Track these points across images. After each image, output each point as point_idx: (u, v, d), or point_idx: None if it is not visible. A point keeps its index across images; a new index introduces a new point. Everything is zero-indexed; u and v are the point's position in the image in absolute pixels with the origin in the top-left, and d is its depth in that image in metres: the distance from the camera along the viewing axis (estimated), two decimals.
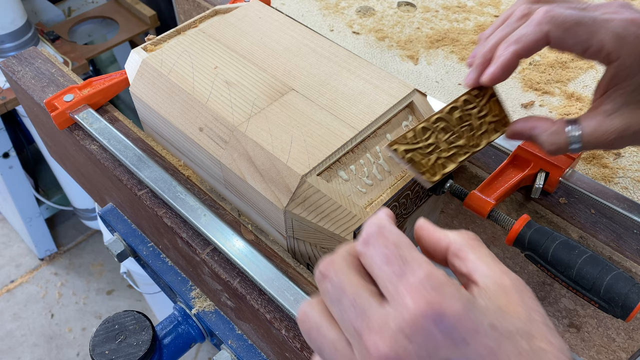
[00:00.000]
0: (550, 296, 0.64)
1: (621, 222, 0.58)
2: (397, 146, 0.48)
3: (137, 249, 0.68)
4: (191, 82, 0.56)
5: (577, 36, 0.45)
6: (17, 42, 1.60)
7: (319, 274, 0.33)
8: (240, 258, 0.51)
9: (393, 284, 0.30)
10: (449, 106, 0.50)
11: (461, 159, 0.50)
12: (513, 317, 0.29)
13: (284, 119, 0.52)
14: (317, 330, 0.33)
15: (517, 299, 0.30)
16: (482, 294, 0.30)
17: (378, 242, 0.31)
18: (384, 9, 0.90)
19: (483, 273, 0.31)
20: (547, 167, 0.58)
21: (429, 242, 0.34)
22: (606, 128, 0.47)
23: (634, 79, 0.46)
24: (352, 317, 0.30)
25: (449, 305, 0.28)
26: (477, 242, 0.33)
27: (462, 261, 0.33)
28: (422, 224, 0.35)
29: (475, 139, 0.51)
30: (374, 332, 0.29)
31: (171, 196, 0.56)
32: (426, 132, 0.49)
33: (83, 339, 1.94)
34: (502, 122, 0.52)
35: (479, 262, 0.32)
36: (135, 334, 0.60)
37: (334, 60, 0.58)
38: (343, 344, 0.31)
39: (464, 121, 0.51)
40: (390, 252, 0.31)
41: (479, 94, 0.51)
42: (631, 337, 0.59)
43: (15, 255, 2.17)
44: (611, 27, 0.44)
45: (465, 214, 0.68)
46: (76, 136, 0.66)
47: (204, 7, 0.93)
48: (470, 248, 0.33)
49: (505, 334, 0.28)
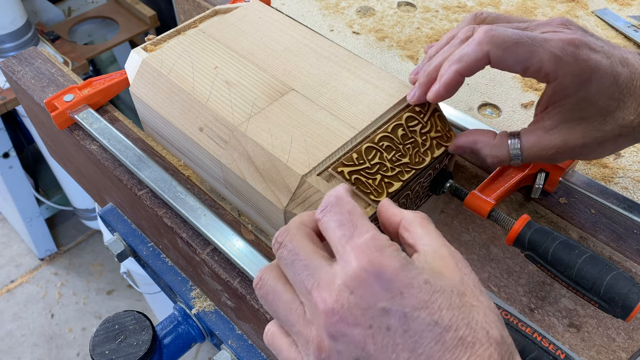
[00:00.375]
0: (550, 296, 0.64)
1: (621, 222, 0.58)
2: (343, 168, 0.48)
3: (137, 249, 0.69)
4: (191, 82, 0.56)
5: (517, 56, 0.46)
6: (17, 42, 1.60)
7: (275, 242, 0.37)
8: (240, 258, 0.51)
9: (342, 245, 0.34)
10: (392, 124, 0.51)
11: (405, 177, 0.50)
12: (447, 278, 0.33)
13: (284, 119, 0.52)
14: (273, 293, 0.36)
15: (453, 265, 0.34)
16: (421, 258, 0.34)
17: (334, 209, 0.36)
18: (384, 9, 0.90)
19: (425, 243, 0.35)
20: (547, 167, 0.58)
21: (385, 217, 0.39)
22: (545, 143, 0.49)
23: (571, 98, 0.47)
24: (304, 277, 0.34)
25: (388, 262, 0.32)
26: (426, 220, 0.37)
27: (409, 233, 0.36)
28: (383, 203, 0.40)
29: (420, 156, 0.52)
30: (322, 288, 0.33)
31: (171, 196, 0.56)
32: (371, 152, 0.49)
33: (83, 339, 1.94)
34: (445, 137, 0.53)
35: (424, 234, 0.36)
36: (135, 334, 0.60)
37: (334, 60, 0.58)
38: (296, 304, 0.35)
39: (408, 138, 0.51)
40: (343, 218, 0.35)
41: (421, 110, 0.53)
42: (631, 337, 0.59)
43: (15, 255, 2.17)
44: (549, 47, 0.45)
45: (465, 214, 0.68)
46: (76, 136, 0.66)
47: (204, 7, 0.93)
48: (418, 224, 0.37)
49: (438, 289, 0.32)
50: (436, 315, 0.31)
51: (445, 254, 0.34)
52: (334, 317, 0.32)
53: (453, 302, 0.32)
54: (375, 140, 0.50)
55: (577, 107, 0.47)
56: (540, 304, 0.66)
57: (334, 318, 0.32)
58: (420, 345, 0.31)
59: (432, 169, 0.55)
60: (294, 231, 0.36)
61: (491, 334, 0.31)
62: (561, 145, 0.48)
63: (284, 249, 0.36)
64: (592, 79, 0.45)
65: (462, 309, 0.32)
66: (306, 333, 0.34)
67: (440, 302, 0.31)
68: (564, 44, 0.45)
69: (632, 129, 0.47)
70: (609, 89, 0.46)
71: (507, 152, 0.51)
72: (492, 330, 0.31)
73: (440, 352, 0.30)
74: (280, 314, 0.36)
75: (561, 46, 0.45)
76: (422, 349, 0.31)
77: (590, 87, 0.46)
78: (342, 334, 0.32)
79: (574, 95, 0.47)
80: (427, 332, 0.31)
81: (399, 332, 0.31)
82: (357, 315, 0.32)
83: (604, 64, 0.45)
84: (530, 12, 0.88)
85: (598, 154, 0.50)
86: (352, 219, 0.35)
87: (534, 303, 0.67)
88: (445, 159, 0.57)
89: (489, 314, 0.32)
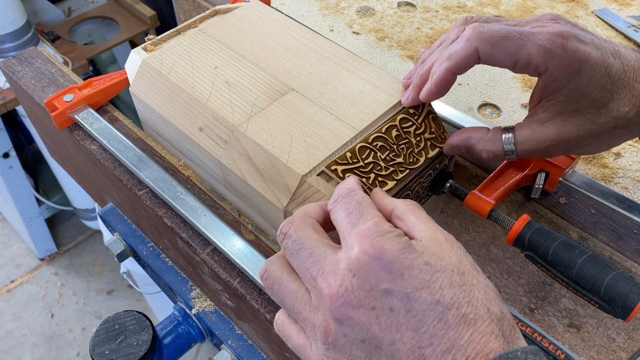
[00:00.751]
0: (550, 296, 0.64)
1: (621, 222, 0.58)
2: (337, 167, 0.48)
3: (137, 249, 0.69)
4: (191, 82, 0.56)
5: (505, 50, 0.46)
6: (17, 42, 1.60)
7: (280, 233, 0.38)
8: (240, 258, 0.51)
9: (347, 232, 0.35)
10: (386, 124, 0.51)
11: (399, 177, 0.51)
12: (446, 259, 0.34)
13: (284, 119, 0.52)
14: (279, 283, 0.37)
15: (449, 248, 0.35)
16: (419, 244, 0.35)
17: (345, 200, 0.37)
18: (384, 9, 0.90)
19: (420, 229, 0.36)
20: (547, 167, 0.58)
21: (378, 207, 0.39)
22: (539, 137, 0.49)
23: (563, 90, 0.47)
24: (309, 265, 0.35)
25: (388, 246, 0.33)
26: (417, 207, 0.38)
27: (403, 222, 0.37)
28: (375, 192, 0.41)
29: (414, 156, 0.52)
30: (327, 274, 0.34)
31: (171, 196, 0.56)
32: (364, 152, 0.50)
33: (83, 339, 1.94)
34: (440, 138, 0.54)
35: (418, 222, 0.37)
36: (135, 334, 0.60)
37: (334, 60, 0.58)
38: (302, 292, 0.36)
39: (402, 139, 0.52)
40: (351, 207, 0.36)
41: (415, 112, 0.53)
42: (631, 337, 0.59)
43: (15, 255, 2.17)
44: (537, 40, 0.45)
45: (465, 214, 0.68)
46: (76, 136, 0.66)
47: (204, 7, 0.93)
48: (410, 212, 0.38)
49: (438, 269, 0.33)
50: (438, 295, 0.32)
51: (440, 238, 0.36)
52: (339, 301, 0.33)
53: (454, 281, 0.33)
54: (369, 140, 0.50)
55: (570, 99, 0.47)
56: (540, 304, 0.66)
57: (338, 302, 0.33)
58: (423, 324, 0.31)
59: (432, 169, 0.55)
60: (298, 222, 0.38)
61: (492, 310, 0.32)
62: (555, 138, 0.48)
63: (289, 239, 0.37)
64: (582, 70, 0.45)
65: (463, 288, 0.32)
66: (313, 319, 0.35)
67: (442, 281, 0.32)
68: (552, 37, 0.45)
69: (627, 121, 0.47)
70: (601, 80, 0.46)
71: (501, 146, 0.51)
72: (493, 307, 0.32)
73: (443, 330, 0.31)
74: (287, 302, 0.37)
75: (549, 38, 0.45)
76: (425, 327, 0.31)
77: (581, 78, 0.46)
78: (347, 317, 0.33)
79: (565, 86, 0.47)
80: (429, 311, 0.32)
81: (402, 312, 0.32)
82: (361, 298, 0.33)
83: (594, 55, 0.45)
84: (530, 12, 0.88)
85: (595, 148, 0.50)
86: (360, 208, 0.36)
87: (534, 303, 0.67)
88: (445, 159, 0.57)
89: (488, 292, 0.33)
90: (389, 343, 0.32)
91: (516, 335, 0.33)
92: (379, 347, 0.32)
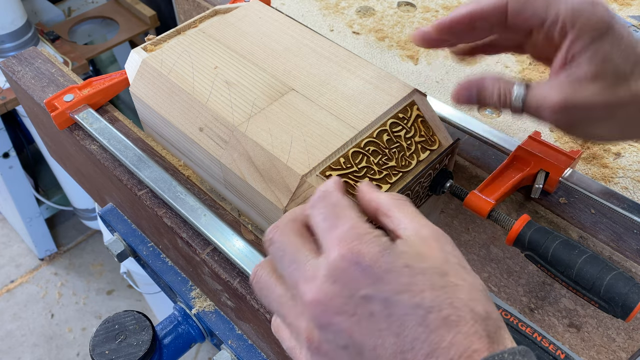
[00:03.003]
0: (550, 296, 0.64)
1: (621, 222, 0.58)
2: (331, 172, 0.49)
3: (137, 249, 0.69)
4: (191, 82, 0.56)
5: (535, 8, 0.46)
6: (17, 42, 1.60)
7: (266, 239, 0.37)
8: (240, 258, 0.51)
9: (325, 237, 0.35)
10: (377, 130, 0.52)
11: (393, 180, 0.51)
12: (429, 259, 0.33)
13: (284, 119, 0.52)
14: (267, 288, 0.37)
15: (435, 246, 0.34)
16: (403, 243, 0.34)
17: (320, 204, 0.36)
18: (384, 9, 0.90)
19: (405, 227, 0.35)
20: (547, 167, 0.58)
21: (364, 205, 0.39)
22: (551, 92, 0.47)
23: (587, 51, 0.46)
24: (292, 271, 0.35)
25: (366, 249, 0.33)
26: (403, 201, 0.37)
27: (389, 219, 0.37)
28: (361, 189, 0.40)
29: (406, 159, 0.53)
30: (308, 280, 0.34)
31: (171, 196, 0.56)
32: (357, 156, 0.51)
33: (83, 339, 1.94)
34: (430, 141, 0.55)
35: (403, 217, 0.36)
36: (135, 334, 0.60)
37: (334, 60, 0.58)
38: (287, 297, 0.36)
39: (393, 143, 0.53)
40: (328, 211, 0.36)
41: (405, 116, 0.54)
42: (631, 337, 0.59)
43: (15, 255, 2.17)
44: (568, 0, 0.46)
45: (465, 214, 0.68)
46: (76, 136, 0.66)
47: (204, 7, 0.93)
48: (396, 207, 0.37)
49: (419, 271, 0.32)
50: (418, 298, 0.31)
51: (426, 235, 0.35)
52: (319, 308, 0.33)
53: (435, 282, 0.32)
54: (362, 146, 0.51)
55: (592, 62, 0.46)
56: (540, 304, 0.66)
57: (319, 309, 0.33)
58: (404, 328, 0.31)
59: (432, 169, 0.55)
60: (283, 227, 0.37)
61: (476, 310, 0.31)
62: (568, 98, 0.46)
63: (273, 245, 0.37)
64: (608, 33, 0.45)
65: (445, 289, 0.32)
66: (297, 324, 0.35)
67: (422, 284, 0.32)
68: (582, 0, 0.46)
69: None
70: (626, 50, 0.45)
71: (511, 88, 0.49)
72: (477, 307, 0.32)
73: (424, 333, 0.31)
74: (274, 307, 0.37)
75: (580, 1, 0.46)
76: (406, 332, 0.31)
77: (606, 41, 0.45)
78: (329, 324, 0.33)
79: (589, 47, 0.46)
80: (410, 315, 0.31)
81: (383, 317, 0.31)
82: (341, 304, 0.32)
83: (620, 25, 0.45)
84: None
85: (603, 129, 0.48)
86: (335, 211, 0.35)
87: (534, 303, 0.67)
88: (445, 159, 0.57)
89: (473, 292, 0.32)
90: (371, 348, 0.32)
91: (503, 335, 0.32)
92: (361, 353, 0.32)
